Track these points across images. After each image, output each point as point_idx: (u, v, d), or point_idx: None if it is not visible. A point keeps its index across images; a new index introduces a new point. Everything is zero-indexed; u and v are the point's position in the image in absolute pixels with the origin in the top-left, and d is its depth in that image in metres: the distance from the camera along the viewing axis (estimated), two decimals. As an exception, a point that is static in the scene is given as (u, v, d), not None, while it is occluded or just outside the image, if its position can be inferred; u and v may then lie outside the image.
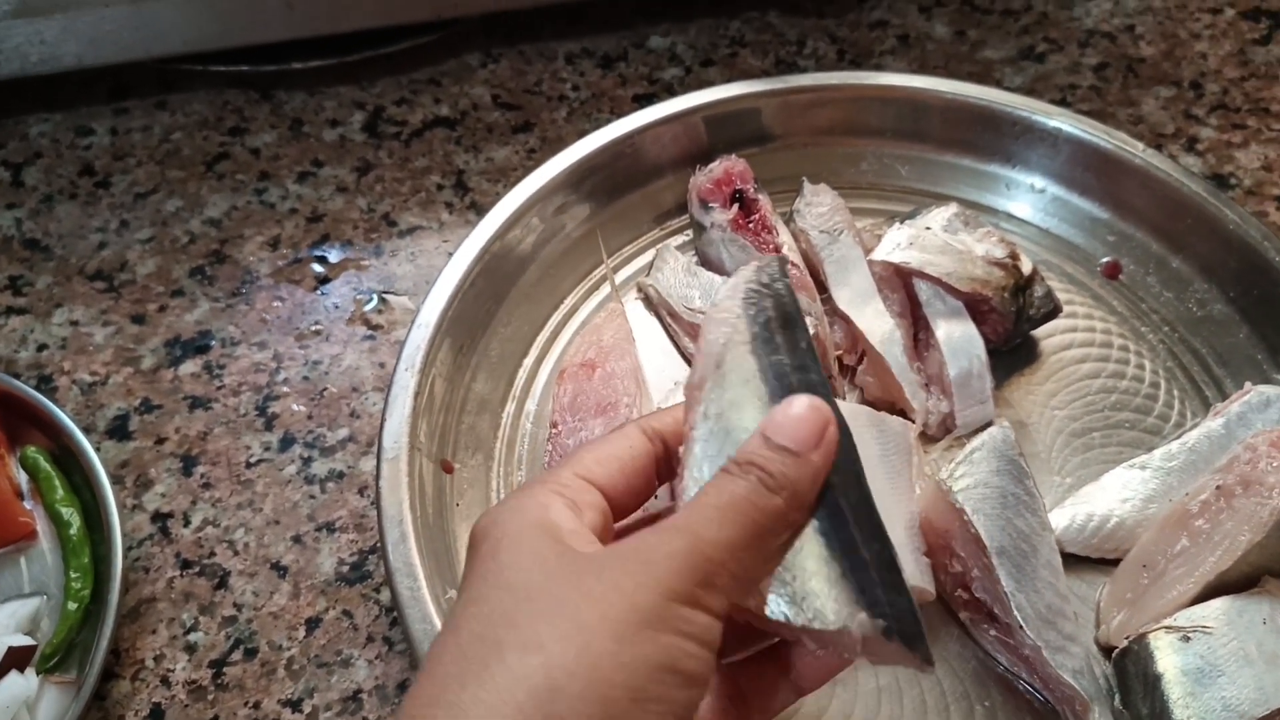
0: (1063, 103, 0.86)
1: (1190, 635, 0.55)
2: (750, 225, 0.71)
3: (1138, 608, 0.59)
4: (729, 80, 0.82)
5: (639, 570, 0.36)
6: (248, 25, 0.82)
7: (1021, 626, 0.56)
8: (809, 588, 0.41)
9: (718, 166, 0.74)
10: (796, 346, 0.45)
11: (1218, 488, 0.60)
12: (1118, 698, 0.57)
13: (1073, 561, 0.63)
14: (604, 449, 0.44)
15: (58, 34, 0.80)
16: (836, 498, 0.42)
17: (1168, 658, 0.55)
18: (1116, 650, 0.58)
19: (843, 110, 0.80)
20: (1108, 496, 0.64)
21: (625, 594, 0.36)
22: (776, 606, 0.41)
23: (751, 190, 0.72)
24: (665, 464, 0.46)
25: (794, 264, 0.69)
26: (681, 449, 0.44)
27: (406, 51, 0.89)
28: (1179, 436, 0.65)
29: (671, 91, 0.87)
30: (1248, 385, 0.65)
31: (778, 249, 0.70)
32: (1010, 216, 0.78)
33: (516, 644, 0.35)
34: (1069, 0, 0.93)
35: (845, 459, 0.43)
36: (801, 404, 0.41)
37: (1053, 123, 0.76)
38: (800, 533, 0.41)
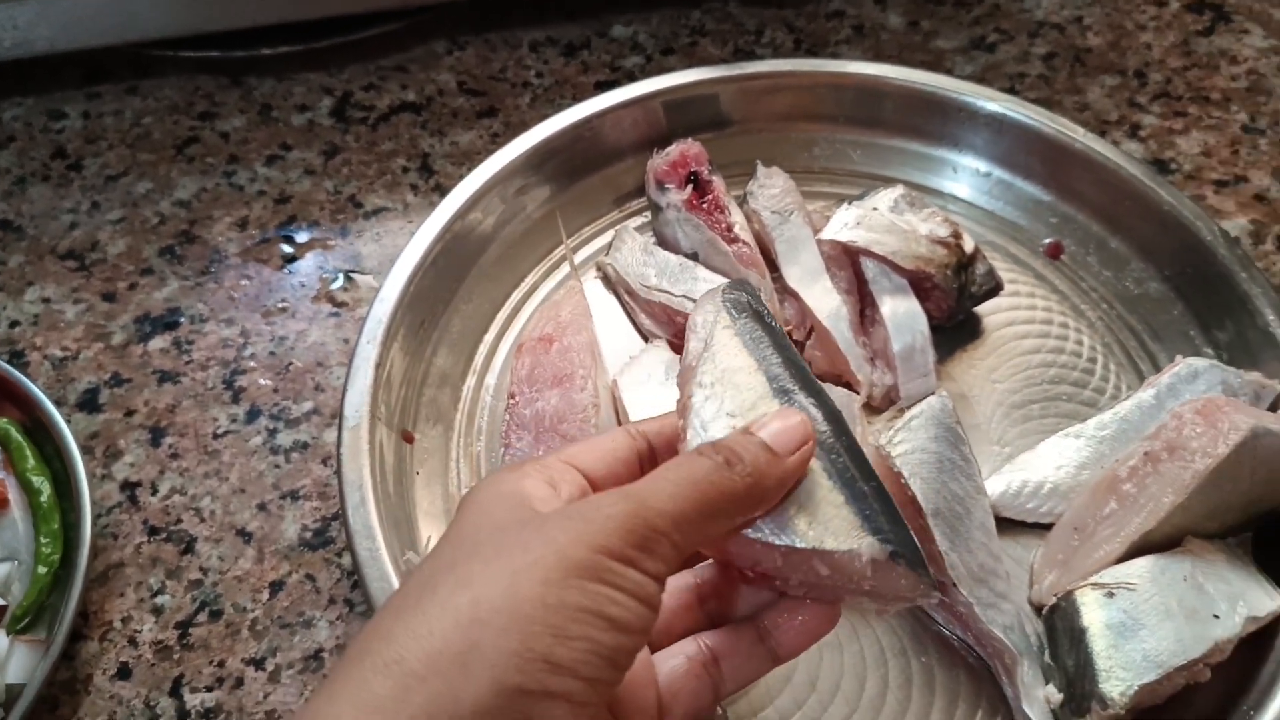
0: (1011, 91, 0.89)
1: (1115, 591, 0.58)
2: (704, 205, 0.73)
3: (1068, 568, 0.62)
4: (689, 68, 0.84)
5: (577, 526, 0.38)
6: (219, 12, 0.84)
7: (955, 584, 0.58)
8: (818, 512, 0.43)
9: (674, 149, 0.76)
10: (771, 329, 0.49)
11: (1145, 454, 0.62)
12: (1048, 652, 0.60)
13: (1009, 526, 0.66)
14: (589, 442, 0.47)
15: (31, 19, 0.82)
16: (832, 440, 0.45)
17: (1093, 612, 0.57)
18: (1046, 607, 0.61)
19: (798, 96, 0.83)
20: (1043, 464, 0.67)
21: (558, 546, 0.37)
22: (785, 531, 0.42)
23: (706, 172, 0.75)
24: (649, 457, 0.48)
25: (745, 242, 0.72)
26: (681, 421, 0.47)
27: (375, 38, 0.92)
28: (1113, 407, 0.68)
29: (633, 79, 0.89)
30: (1178, 358, 0.68)
31: (729, 228, 0.72)
32: (957, 199, 0.81)
33: (450, 583, 0.37)
34: (1020, -8, 0.96)
35: (835, 414, 0.46)
36: (792, 415, 0.44)
37: (997, 109, 0.79)
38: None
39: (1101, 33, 0.94)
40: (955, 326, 0.74)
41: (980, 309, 0.74)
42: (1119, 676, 0.55)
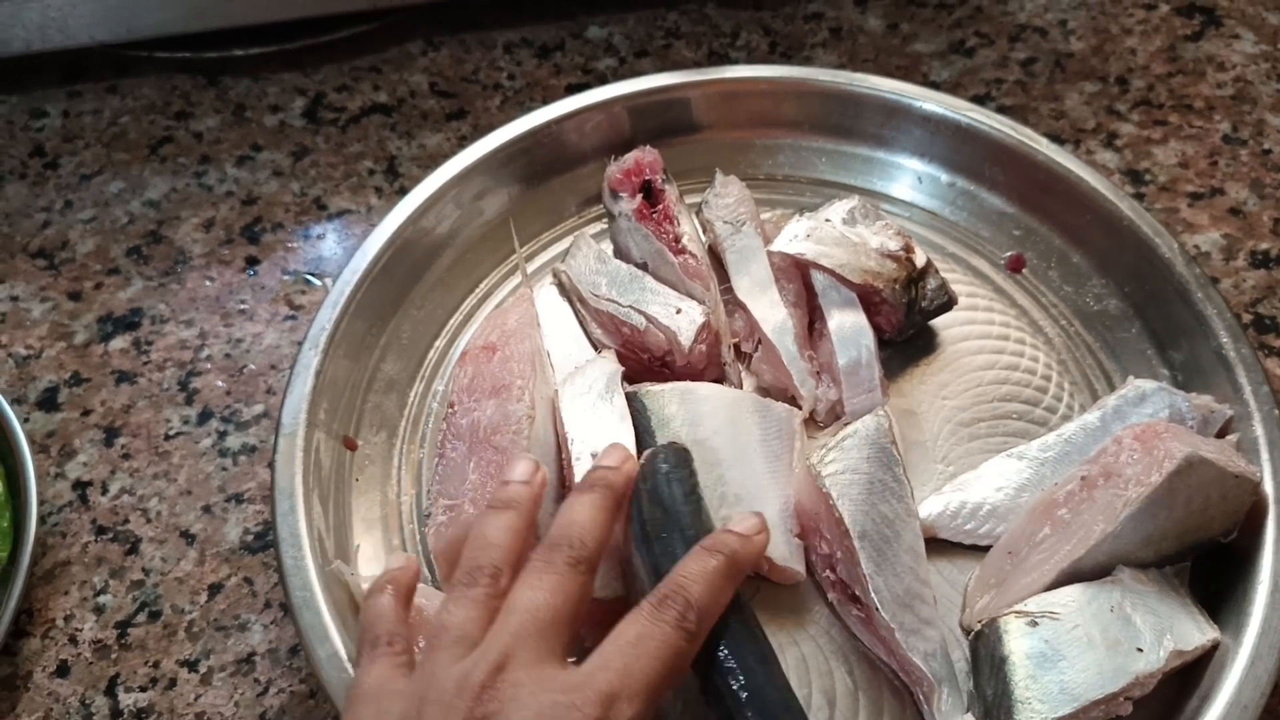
0: (987, 97, 0.87)
1: (1038, 620, 0.57)
2: (654, 215, 0.73)
3: (1000, 593, 0.61)
4: (661, 71, 0.83)
5: None
6: (189, 13, 0.85)
7: (878, 608, 0.58)
8: None
9: (630, 157, 0.76)
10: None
11: (1082, 478, 0.61)
12: (973, 680, 0.59)
13: (947, 547, 0.65)
14: None
15: (5, 20, 0.83)
16: None
17: (1015, 641, 0.57)
18: (972, 633, 0.60)
19: (762, 102, 0.82)
20: (983, 485, 0.66)
21: None
22: None
23: (659, 181, 0.74)
24: None
25: (692, 253, 0.71)
26: None
27: (351, 39, 0.92)
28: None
29: (604, 82, 0.88)
30: (1130, 379, 0.67)
31: (677, 239, 0.72)
32: (920, 209, 0.79)
33: None
34: (1004, -6, 0.94)
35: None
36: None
37: (959, 117, 0.77)
38: None
39: (1085, 37, 0.91)
40: (908, 340, 0.73)
41: (936, 323, 0.73)
42: (1034, 709, 0.54)
